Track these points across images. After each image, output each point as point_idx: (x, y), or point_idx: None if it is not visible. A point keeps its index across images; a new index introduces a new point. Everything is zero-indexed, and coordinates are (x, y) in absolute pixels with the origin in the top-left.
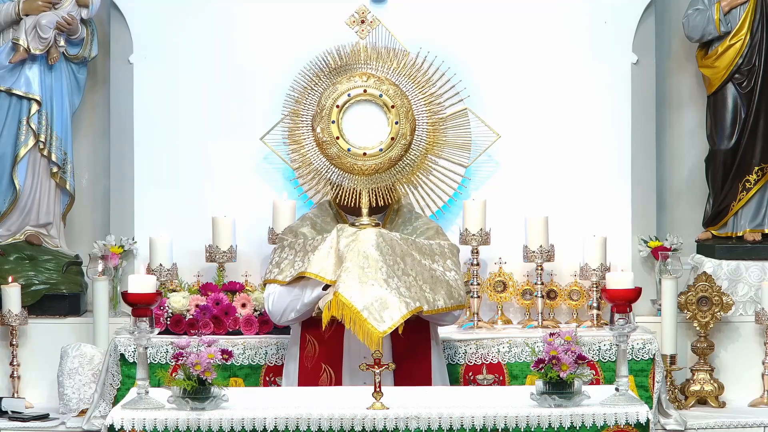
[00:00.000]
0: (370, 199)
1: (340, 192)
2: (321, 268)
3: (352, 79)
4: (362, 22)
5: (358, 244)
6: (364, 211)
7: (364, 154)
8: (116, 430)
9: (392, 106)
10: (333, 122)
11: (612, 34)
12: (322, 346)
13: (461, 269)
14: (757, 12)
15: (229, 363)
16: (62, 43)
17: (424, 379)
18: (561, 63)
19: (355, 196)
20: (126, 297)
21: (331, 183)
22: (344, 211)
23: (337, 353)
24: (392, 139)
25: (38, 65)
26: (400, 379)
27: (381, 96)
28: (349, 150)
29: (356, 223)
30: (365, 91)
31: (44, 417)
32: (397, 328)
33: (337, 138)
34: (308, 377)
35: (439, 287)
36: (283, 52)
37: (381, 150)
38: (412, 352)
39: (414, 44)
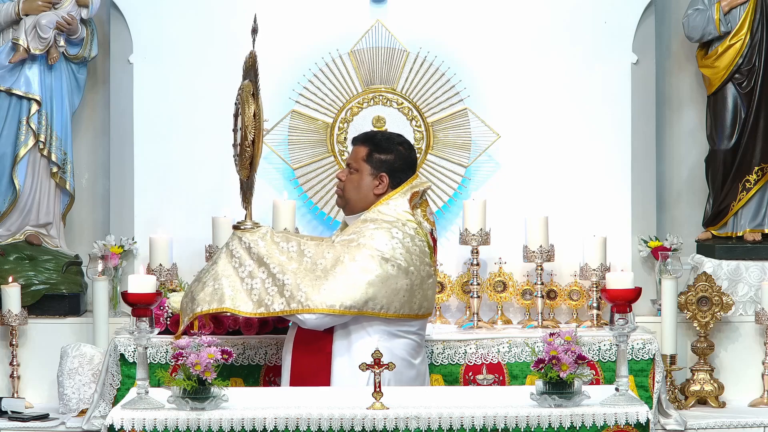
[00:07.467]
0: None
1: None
2: None
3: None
4: (254, 31)
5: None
6: (245, 212)
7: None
8: (116, 430)
9: (235, 115)
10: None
11: (612, 34)
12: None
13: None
14: (757, 12)
15: (229, 363)
16: (62, 43)
17: (323, 379)
18: (561, 63)
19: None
20: (126, 297)
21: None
22: None
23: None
24: (234, 146)
25: (38, 65)
26: (295, 378)
27: (236, 103)
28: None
29: (239, 225)
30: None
31: (44, 417)
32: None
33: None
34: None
35: (285, 291)
36: (284, 52)
37: (234, 156)
38: (309, 347)
39: (414, 44)
